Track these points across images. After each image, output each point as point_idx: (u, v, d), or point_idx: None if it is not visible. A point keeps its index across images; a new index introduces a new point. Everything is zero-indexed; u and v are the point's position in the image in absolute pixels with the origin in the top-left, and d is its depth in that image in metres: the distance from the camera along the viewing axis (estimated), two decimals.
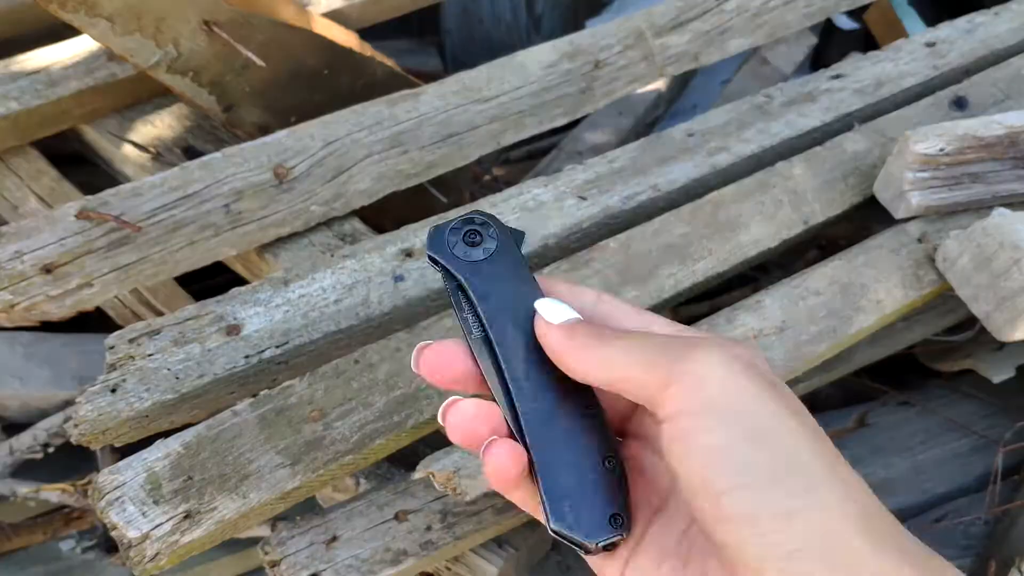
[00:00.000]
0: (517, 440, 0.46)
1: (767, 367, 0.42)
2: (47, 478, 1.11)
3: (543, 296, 0.48)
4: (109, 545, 1.11)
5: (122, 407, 0.73)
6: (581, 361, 0.45)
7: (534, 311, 0.47)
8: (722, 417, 0.39)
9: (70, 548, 1.13)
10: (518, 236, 0.50)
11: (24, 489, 1.08)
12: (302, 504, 0.78)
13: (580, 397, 0.47)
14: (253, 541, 1.11)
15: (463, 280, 0.49)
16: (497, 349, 0.47)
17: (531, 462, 0.46)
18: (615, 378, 0.43)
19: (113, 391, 0.74)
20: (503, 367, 0.47)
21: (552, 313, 0.47)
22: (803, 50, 1.62)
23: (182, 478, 0.70)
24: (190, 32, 0.93)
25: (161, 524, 0.68)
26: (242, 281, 1.02)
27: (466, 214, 0.50)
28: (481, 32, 2.06)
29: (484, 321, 0.48)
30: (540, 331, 0.47)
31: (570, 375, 0.46)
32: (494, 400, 0.47)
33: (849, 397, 1.30)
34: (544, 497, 0.45)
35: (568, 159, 1.45)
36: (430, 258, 0.50)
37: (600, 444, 0.46)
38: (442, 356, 0.48)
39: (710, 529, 0.39)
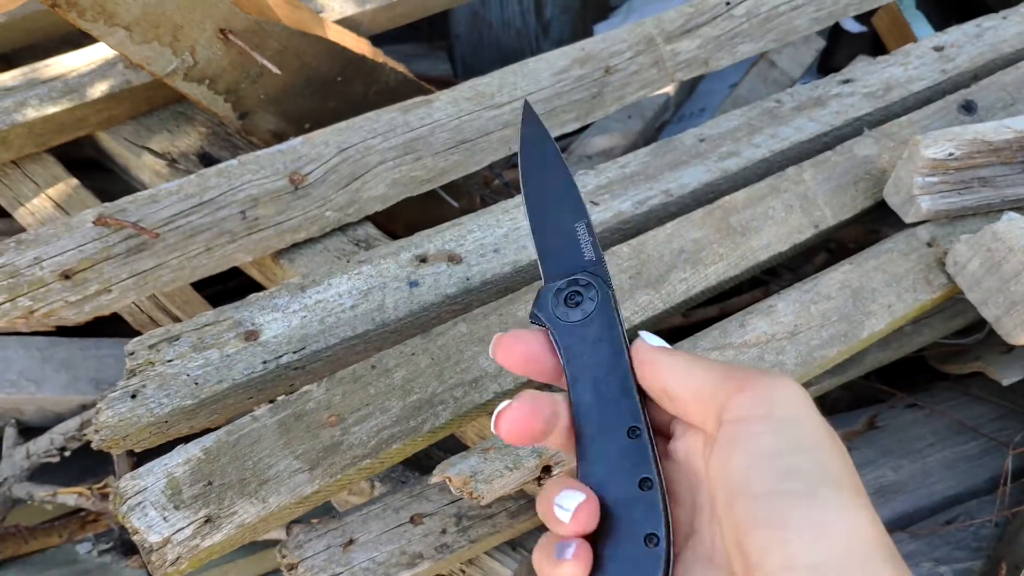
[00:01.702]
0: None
1: None
2: (63, 481, 1.12)
3: (627, 361, 0.51)
4: (126, 548, 1.12)
5: (142, 413, 0.74)
6: (668, 366, 0.48)
7: (636, 338, 0.52)
8: (780, 424, 0.42)
9: (87, 551, 1.14)
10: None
11: (41, 492, 1.09)
12: (318, 507, 0.79)
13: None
14: (270, 542, 1.12)
15: (557, 340, 0.52)
16: (574, 408, 0.51)
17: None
18: (691, 386, 0.47)
19: (133, 397, 0.75)
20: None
21: (653, 339, 0.51)
22: (811, 53, 1.63)
23: (202, 483, 0.71)
24: (206, 40, 0.94)
25: (182, 529, 0.69)
26: (255, 284, 1.03)
27: (572, 276, 0.54)
28: (490, 36, 2.07)
29: (567, 378, 0.51)
30: (639, 349, 0.50)
31: (652, 381, 0.49)
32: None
33: (858, 399, 1.31)
34: None
35: (578, 162, 1.45)
36: (533, 316, 0.54)
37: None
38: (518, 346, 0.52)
39: (741, 534, 0.40)
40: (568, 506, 0.45)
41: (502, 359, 0.51)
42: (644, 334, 0.52)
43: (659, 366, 0.49)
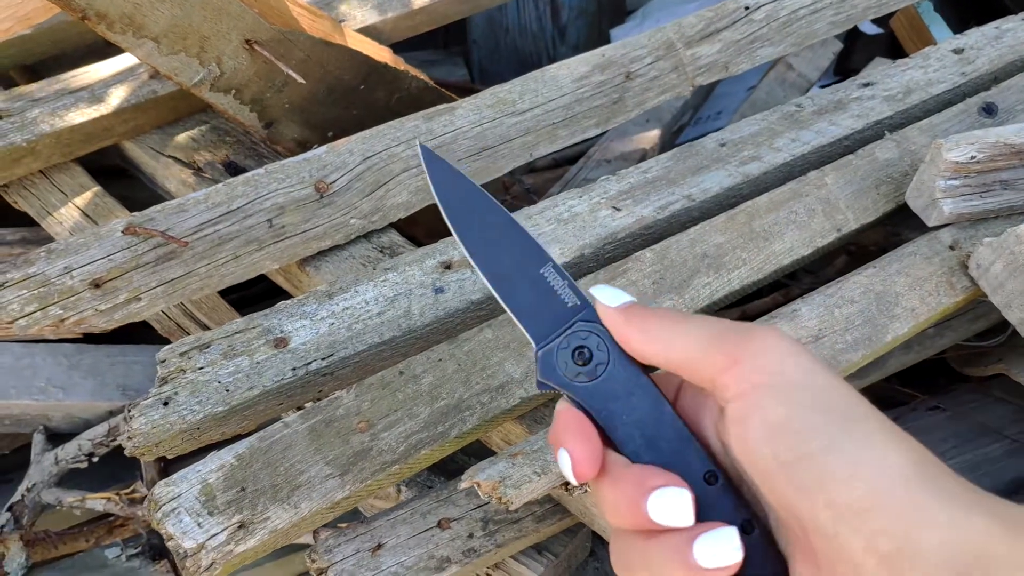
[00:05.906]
0: None
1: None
2: (91, 487, 1.13)
3: (669, 407, 0.47)
4: (154, 552, 1.13)
5: (174, 420, 0.75)
6: (642, 342, 0.46)
7: (592, 298, 0.49)
8: (786, 390, 0.41)
9: (115, 555, 1.15)
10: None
11: (70, 498, 1.10)
12: (346, 512, 0.80)
13: None
14: (300, 546, 1.12)
15: (582, 403, 0.47)
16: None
17: None
18: (675, 359, 0.45)
19: (165, 404, 0.76)
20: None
21: (607, 297, 0.48)
22: (828, 56, 1.63)
23: (235, 489, 0.72)
24: (233, 51, 0.96)
25: (216, 534, 0.70)
26: (277, 287, 1.04)
27: (569, 329, 0.48)
28: (507, 42, 2.08)
29: (615, 441, 0.47)
30: (610, 316, 0.48)
31: (633, 355, 0.47)
32: None
33: (880, 402, 1.30)
34: None
35: (596, 167, 1.46)
36: (540, 384, 0.48)
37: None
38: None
39: (786, 503, 0.40)
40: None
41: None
42: (599, 294, 0.48)
43: (643, 339, 0.46)
